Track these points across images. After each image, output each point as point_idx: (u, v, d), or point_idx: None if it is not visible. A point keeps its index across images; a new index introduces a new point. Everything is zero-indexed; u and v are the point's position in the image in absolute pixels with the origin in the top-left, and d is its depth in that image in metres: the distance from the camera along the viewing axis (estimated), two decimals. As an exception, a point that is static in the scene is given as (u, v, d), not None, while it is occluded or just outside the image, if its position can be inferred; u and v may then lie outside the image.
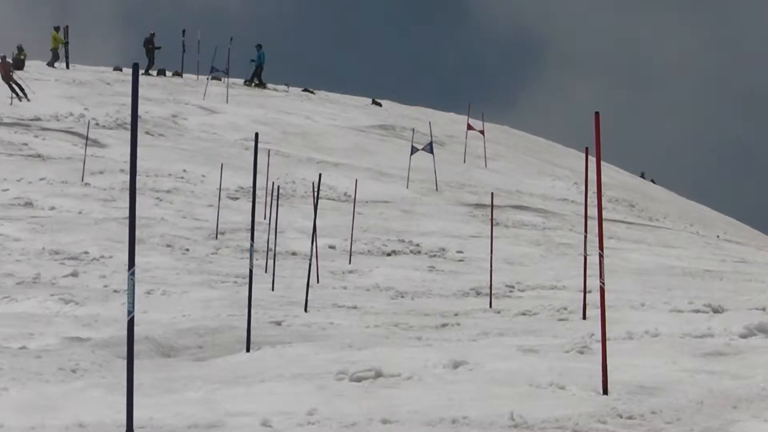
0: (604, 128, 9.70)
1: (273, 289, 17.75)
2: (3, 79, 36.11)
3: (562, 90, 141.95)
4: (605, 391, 9.56)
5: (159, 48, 48.98)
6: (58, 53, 48.27)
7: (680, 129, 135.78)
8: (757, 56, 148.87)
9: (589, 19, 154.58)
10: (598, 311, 9.87)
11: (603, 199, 17.83)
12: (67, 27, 48.54)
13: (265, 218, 24.65)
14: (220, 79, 46.44)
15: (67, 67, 47.96)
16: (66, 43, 48.26)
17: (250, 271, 12.61)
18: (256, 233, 13.30)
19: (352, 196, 26.06)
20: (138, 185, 8.26)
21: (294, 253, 22.60)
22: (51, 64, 47.98)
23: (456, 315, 15.78)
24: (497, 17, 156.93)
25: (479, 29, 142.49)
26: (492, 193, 20.08)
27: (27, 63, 46.07)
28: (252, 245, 12.75)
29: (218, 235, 23.80)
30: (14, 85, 35.60)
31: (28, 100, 35.97)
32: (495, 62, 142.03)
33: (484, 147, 39.28)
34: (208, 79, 45.81)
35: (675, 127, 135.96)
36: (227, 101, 42.98)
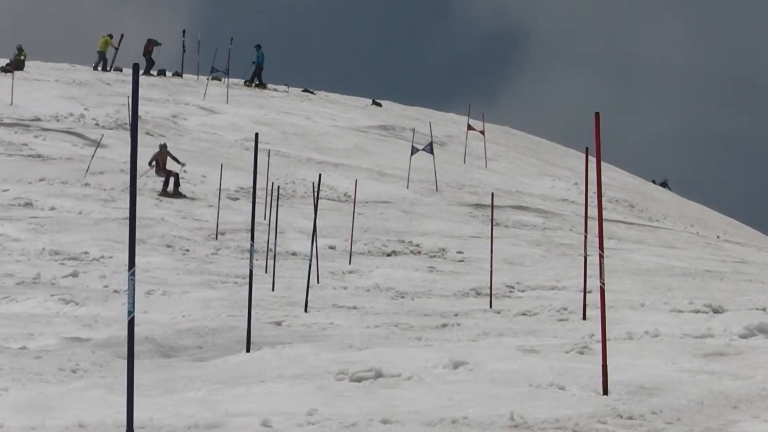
0: (603, 127, 9.71)
1: (273, 290, 17.75)
2: (161, 172, 29.33)
3: (555, 84, 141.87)
4: (605, 392, 9.56)
5: (159, 45, 48.86)
6: (106, 57, 48.13)
7: (678, 127, 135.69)
8: (755, 52, 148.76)
9: (573, 10, 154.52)
10: (598, 311, 9.87)
11: (603, 199, 17.84)
12: (122, 35, 48.46)
13: (265, 218, 24.65)
14: (220, 80, 46.44)
15: (110, 70, 47.85)
16: (116, 49, 48.24)
17: (250, 272, 12.61)
18: (256, 234, 13.31)
19: (352, 197, 26.07)
20: (138, 185, 8.26)
21: (294, 254, 22.60)
22: (96, 67, 47.87)
23: (456, 315, 15.78)
24: (479, 11, 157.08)
25: (464, 25, 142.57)
26: (492, 194, 20.07)
27: (27, 63, 46.07)
28: (252, 245, 12.75)
29: (218, 236, 23.81)
30: (171, 180, 29.00)
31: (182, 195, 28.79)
32: (485, 58, 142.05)
33: (485, 147, 39.28)
34: (208, 79, 45.81)
35: (673, 126, 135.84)
36: (227, 101, 42.98)
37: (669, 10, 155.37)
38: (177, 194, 28.33)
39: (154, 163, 28.82)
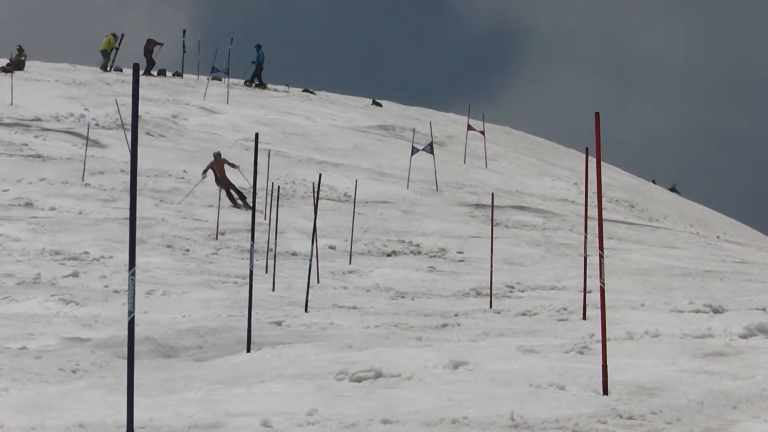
0: (603, 127, 9.71)
1: (273, 290, 17.75)
2: (220, 182, 27.65)
3: (555, 84, 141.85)
4: (605, 392, 9.56)
5: (161, 45, 48.89)
6: (110, 55, 48.21)
7: (678, 127, 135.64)
8: (755, 52, 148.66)
9: (573, 10, 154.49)
10: (598, 311, 9.87)
11: (603, 199, 17.85)
12: (122, 35, 48.48)
13: (265, 219, 24.66)
14: (221, 80, 46.43)
15: (110, 70, 47.91)
16: (116, 49, 48.30)
17: (251, 272, 12.62)
18: (256, 234, 13.31)
19: (352, 197, 26.07)
20: (138, 185, 8.26)
21: (294, 254, 22.60)
22: (106, 67, 47.93)
23: (456, 315, 15.78)
24: (479, 11, 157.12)
25: (464, 25, 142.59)
26: (492, 194, 20.08)
27: (27, 63, 46.09)
28: (252, 246, 12.76)
29: (218, 236, 23.81)
30: (233, 193, 27.67)
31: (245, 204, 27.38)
32: (484, 58, 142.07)
33: (485, 147, 39.28)
34: (208, 79, 45.79)
35: (673, 126, 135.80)
36: (227, 102, 42.98)
37: (669, 10, 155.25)
38: (248, 206, 27.20)
39: (209, 172, 27.53)
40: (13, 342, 12.79)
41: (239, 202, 27.43)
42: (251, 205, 26.85)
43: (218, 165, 27.90)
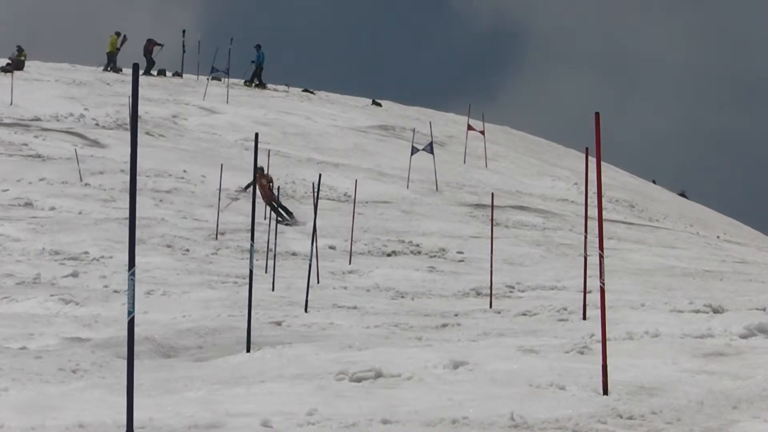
0: (603, 127, 9.71)
1: (273, 290, 17.76)
2: (265, 198, 26.84)
3: (554, 84, 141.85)
4: (605, 392, 9.56)
5: (161, 46, 48.90)
6: (115, 57, 48.18)
7: (678, 127, 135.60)
8: (755, 52, 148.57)
9: (573, 10, 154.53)
10: (598, 311, 9.87)
11: (603, 199, 17.85)
12: (125, 36, 48.37)
13: (265, 218, 24.66)
14: (221, 80, 46.42)
15: (110, 70, 47.89)
16: (118, 50, 48.26)
17: (251, 272, 12.62)
18: (256, 234, 13.31)
19: (352, 197, 26.06)
20: (138, 185, 8.26)
21: (294, 254, 22.61)
22: (107, 68, 47.82)
23: (456, 315, 15.78)
24: (479, 11, 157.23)
25: (464, 25, 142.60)
26: (492, 194, 20.07)
27: (27, 63, 46.08)
28: (252, 246, 12.76)
29: (218, 236, 23.81)
30: (278, 207, 26.57)
31: (293, 219, 26.57)
32: (484, 58, 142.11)
33: (485, 147, 39.28)
34: (208, 79, 45.78)
35: (673, 126, 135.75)
36: (227, 101, 42.98)
37: (668, 10, 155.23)
38: (293, 218, 26.66)
39: (251, 188, 26.37)
40: (13, 342, 12.79)
41: (287, 217, 26.79)
42: (297, 219, 26.74)
43: (262, 186, 26.63)
